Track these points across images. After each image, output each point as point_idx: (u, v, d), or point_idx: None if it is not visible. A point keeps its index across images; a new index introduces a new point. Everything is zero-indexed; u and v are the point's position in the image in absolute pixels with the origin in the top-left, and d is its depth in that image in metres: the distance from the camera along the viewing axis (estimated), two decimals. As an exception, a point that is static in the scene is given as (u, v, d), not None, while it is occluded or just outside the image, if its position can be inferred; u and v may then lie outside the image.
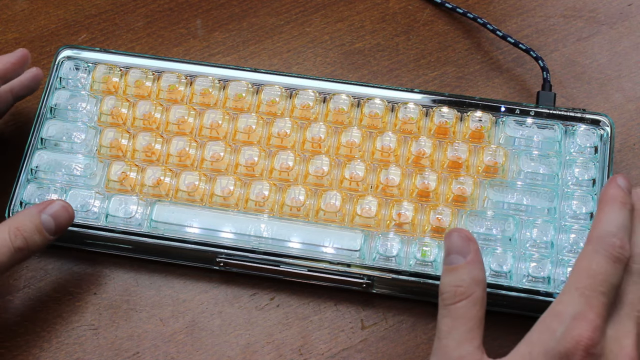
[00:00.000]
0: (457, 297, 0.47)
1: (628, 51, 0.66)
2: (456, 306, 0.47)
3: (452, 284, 0.48)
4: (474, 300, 0.47)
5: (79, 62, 0.62)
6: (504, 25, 0.67)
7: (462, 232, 0.49)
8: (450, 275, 0.48)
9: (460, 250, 0.49)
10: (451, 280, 0.48)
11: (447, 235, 0.50)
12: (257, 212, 0.58)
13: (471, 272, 0.48)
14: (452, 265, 0.49)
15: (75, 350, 0.56)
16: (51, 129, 0.60)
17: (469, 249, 0.49)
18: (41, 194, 0.58)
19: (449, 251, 0.49)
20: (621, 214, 0.48)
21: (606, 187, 0.50)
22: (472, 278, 0.48)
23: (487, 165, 0.58)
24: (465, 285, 0.48)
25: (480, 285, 0.48)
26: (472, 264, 0.48)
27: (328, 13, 0.68)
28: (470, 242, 0.49)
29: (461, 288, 0.48)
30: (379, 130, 0.60)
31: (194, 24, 0.68)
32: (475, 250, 0.49)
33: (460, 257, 0.49)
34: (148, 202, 0.58)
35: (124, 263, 0.59)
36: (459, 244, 0.49)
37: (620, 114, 0.63)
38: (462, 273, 0.48)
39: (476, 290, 0.48)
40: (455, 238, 0.49)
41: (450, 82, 0.65)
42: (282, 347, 0.56)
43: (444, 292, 0.48)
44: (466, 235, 0.49)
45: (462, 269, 0.48)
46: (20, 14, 0.68)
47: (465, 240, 0.49)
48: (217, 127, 0.60)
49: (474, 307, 0.47)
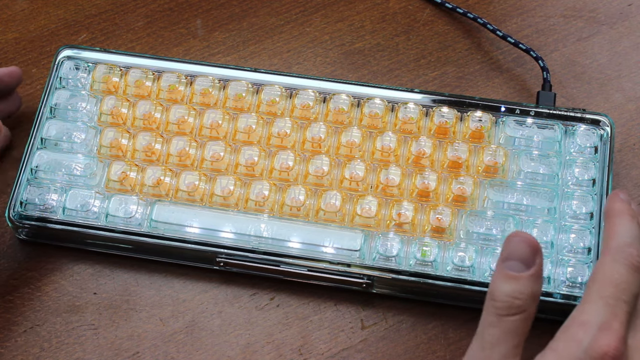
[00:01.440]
0: (513, 310, 0.45)
1: (628, 51, 0.66)
2: (509, 319, 0.45)
3: (509, 294, 0.45)
4: (527, 317, 0.45)
5: (79, 62, 0.62)
6: (504, 25, 0.67)
7: (531, 240, 0.46)
8: (510, 283, 0.45)
9: (525, 259, 0.46)
10: (509, 290, 0.45)
11: (513, 237, 0.46)
12: (257, 212, 0.58)
13: (532, 286, 0.45)
14: (513, 273, 0.45)
15: (75, 350, 0.56)
16: (51, 129, 0.60)
17: (534, 260, 0.46)
18: (41, 194, 0.58)
19: (511, 256, 0.46)
20: (632, 226, 0.49)
21: (611, 202, 0.50)
22: (532, 293, 0.45)
23: (487, 165, 0.58)
24: (523, 299, 0.45)
25: (536, 301, 0.46)
26: (535, 277, 0.45)
27: (328, 13, 0.68)
28: (537, 253, 0.46)
29: (518, 301, 0.45)
30: (379, 130, 0.60)
31: (194, 24, 0.68)
32: (540, 263, 0.46)
33: (523, 267, 0.45)
34: (148, 202, 0.58)
35: (124, 263, 0.59)
36: (526, 252, 0.46)
37: (620, 114, 0.63)
38: (523, 285, 0.45)
39: (532, 306, 0.45)
40: (523, 244, 0.46)
41: (450, 82, 0.65)
42: (282, 347, 0.56)
43: (498, 300, 0.45)
44: (535, 244, 0.46)
45: (524, 280, 0.45)
46: (20, 14, 0.68)
47: (533, 250, 0.46)
48: (217, 127, 0.60)
49: (525, 324, 0.45)
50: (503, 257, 0.46)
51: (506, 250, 0.46)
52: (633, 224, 0.49)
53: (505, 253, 0.46)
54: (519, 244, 0.46)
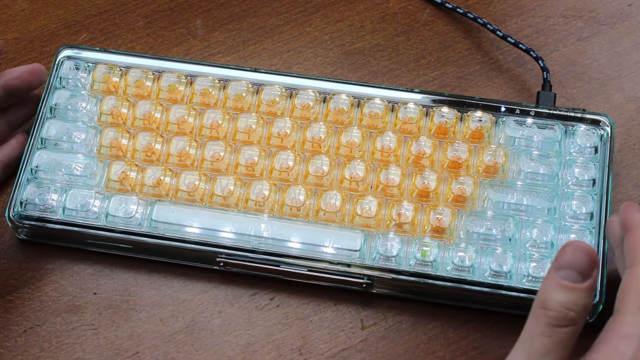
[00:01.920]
0: (566, 322, 0.44)
1: (628, 51, 0.66)
2: (562, 330, 0.44)
3: (564, 305, 0.44)
4: (578, 330, 0.44)
5: (79, 62, 0.62)
6: (504, 25, 0.67)
7: (590, 251, 0.45)
8: (565, 294, 0.44)
9: (583, 271, 0.44)
10: (564, 300, 0.44)
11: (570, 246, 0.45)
12: (257, 212, 0.58)
13: (586, 298, 0.44)
14: (568, 284, 0.44)
15: (75, 350, 0.56)
16: (51, 129, 0.60)
17: (591, 273, 0.45)
18: (41, 193, 0.58)
19: (567, 265, 0.45)
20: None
21: (629, 214, 0.51)
22: (585, 305, 0.44)
23: (487, 165, 0.58)
24: (577, 311, 0.44)
25: (587, 314, 0.45)
26: (590, 290, 0.44)
27: (328, 13, 0.68)
28: (595, 266, 0.45)
29: (572, 313, 0.44)
30: (379, 130, 0.60)
31: (194, 24, 0.68)
32: (596, 276, 0.45)
33: (579, 277, 0.44)
34: (148, 202, 0.58)
35: (124, 263, 0.59)
36: (585, 263, 0.45)
37: (620, 114, 0.63)
38: (579, 297, 0.44)
39: (583, 319, 0.44)
40: (582, 255, 0.45)
41: (450, 82, 0.65)
42: (282, 347, 0.56)
43: (552, 309, 0.44)
44: (594, 256, 0.45)
45: (579, 292, 0.44)
46: (20, 14, 0.68)
47: (591, 262, 0.45)
48: (217, 127, 0.60)
49: (574, 337, 0.44)
50: (557, 265, 0.45)
51: (562, 259, 0.45)
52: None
53: (561, 261, 0.45)
54: (576, 254, 0.45)
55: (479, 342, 0.56)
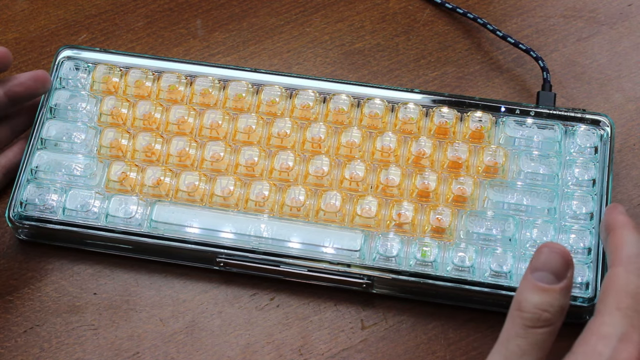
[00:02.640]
0: (541, 323, 0.44)
1: (628, 51, 0.66)
2: (537, 331, 0.44)
3: (539, 306, 0.44)
4: (554, 331, 0.45)
5: (79, 62, 0.62)
6: (504, 25, 0.67)
7: (564, 252, 0.45)
8: (540, 295, 0.44)
9: (557, 271, 0.45)
10: (539, 301, 0.44)
11: (545, 248, 0.45)
12: (257, 212, 0.58)
13: (562, 299, 0.45)
14: (543, 285, 0.45)
15: (75, 350, 0.56)
16: (51, 129, 0.60)
17: (566, 273, 0.45)
18: (41, 194, 0.58)
19: (542, 267, 0.45)
20: (638, 237, 0.49)
21: (612, 215, 0.51)
22: (561, 306, 0.44)
23: (487, 165, 0.58)
24: (552, 312, 0.44)
25: (564, 315, 0.45)
26: (565, 290, 0.45)
27: (328, 13, 0.68)
28: (570, 266, 0.45)
29: (547, 314, 0.44)
30: (379, 131, 0.60)
31: (194, 24, 0.68)
32: (571, 276, 0.45)
33: (554, 278, 0.45)
34: (148, 202, 0.58)
35: (124, 263, 0.59)
36: (558, 264, 0.45)
37: (620, 114, 0.63)
38: (553, 298, 0.44)
39: (559, 320, 0.45)
40: (556, 256, 0.45)
41: (450, 82, 0.65)
42: (282, 347, 0.56)
43: (526, 311, 0.44)
44: (568, 256, 0.45)
45: (554, 293, 0.44)
46: (20, 14, 0.68)
47: (565, 262, 0.45)
48: (217, 127, 0.60)
49: (551, 337, 0.44)
50: (532, 267, 0.45)
51: (537, 261, 0.45)
52: (637, 235, 0.49)
53: (536, 263, 0.45)
54: (551, 255, 0.45)
55: (479, 342, 0.56)
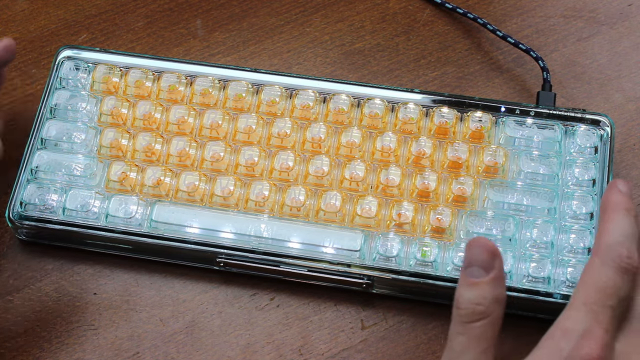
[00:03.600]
0: (476, 316, 0.44)
1: (628, 51, 0.66)
2: (473, 325, 0.44)
3: (472, 301, 0.44)
4: (492, 321, 0.44)
5: (79, 62, 0.62)
6: (504, 25, 0.67)
7: (488, 244, 0.45)
8: (471, 290, 0.45)
9: (484, 264, 0.45)
10: (471, 296, 0.44)
11: (470, 244, 0.46)
12: (257, 212, 0.58)
13: (494, 290, 0.44)
14: (473, 280, 0.45)
15: (75, 350, 0.56)
16: (51, 129, 0.60)
17: (493, 264, 0.45)
18: (41, 194, 0.58)
19: (470, 262, 0.45)
20: (626, 222, 0.46)
21: (607, 194, 0.48)
22: (494, 296, 0.44)
23: (487, 165, 0.58)
24: (486, 304, 0.44)
25: (500, 304, 0.45)
26: (495, 280, 0.44)
27: (328, 13, 0.68)
28: (495, 257, 0.45)
29: (481, 307, 0.44)
30: (379, 131, 0.60)
31: (194, 24, 0.68)
32: (500, 266, 0.45)
33: (482, 272, 0.45)
34: (148, 202, 0.58)
35: (124, 263, 0.59)
36: (484, 257, 0.45)
37: (620, 114, 0.63)
38: (485, 290, 0.44)
39: (496, 309, 0.44)
40: (480, 250, 0.45)
41: (450, 82, 0.65)
42: (282, 347, 0.56)
43: (461, 308, 0.45)
44: (492, 248, 0.45)
45: (484, 285, 0.44)
46: (20, 14, 0.69)
47: (490, 254, 0.45)
48: (217, 127, 0.60)
49: (491, 328, 0.44)
50: (464, 264, 0.46)
51: (466, 257, 0.46)
52: (627, 219, 0.47)
53: (466, 260, 0.46)
54: (476, 250, 0.45)
55: (479, 342, 0.56)
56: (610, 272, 0.45)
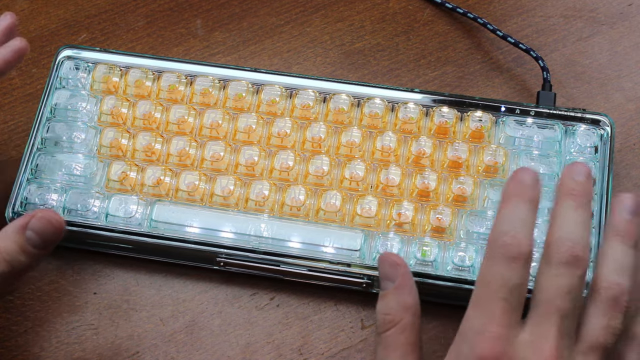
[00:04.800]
0: (386, 325, 0.47)
1: (628, 51, 0.66)
2: (385, 335, 0.47)
3: (381, 312, 0.47)
4: (402, 328, 0.46)
5: (79, 62, 0.62)
6: (504, 25, 0.67)
7: (389, 257, 0.49)
8: (380, 302, 0.48)
9: (389, 276, 0.48)
10: (380, 307, 0.48)
11: (378, 261, 0.50)
12: (257, 212, 0.58)
13: (398, 298, 0.47)
14: (382, 292, 0.48)
15: (75, 350, 0.56)
16: (51, 129, 0.60)
17: (396, 274, 0.48)
18: (41, 193, 0.58)
19: (380, 277, 0.49)
20: (517, 209, 0.44)
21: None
22: (400, 304, 0.47)
23: (487, 165, 0.58)
24: (392, 312, 0.47)
25: (409, 310, 0.47)
26: (399, 289, 0.47)
27: (328, 13, 0.68)
28: (397, 267, 0.48)
29: (389, 316, 0.47)
30: (379, 130, 0.60)
31: (194, 24, 0.68)
32: (403, 274, 0.48)
33: (389, 283, 0.48)
34: (148, 202, 0.58)
35: (124, 263, 0.59)
36: (386, 269, 0.48)
37: (620, 114, 0.63)
38: (390, 300, 0.47)
39: (404, 316, 0.47)
40: (384, 264, 0.49)
41: (450, 82, 0.65)
42: (282, 347, 0.56)
43: (377, 320, 0.48)
44: (393, 259, 0.48)
45: (390, 295, 0.48)
46: (20, 14, 0.68)
47: (392, 265, 0.48)
48: (217, 127, 0.60)
49: (402, 335, 0.46)
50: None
51: (379, 275, 0.49)
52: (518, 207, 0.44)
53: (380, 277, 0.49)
54: (381, 265, 0.49)
55: (479, 342, 0.56)
56: (495, 265, 0.43)
